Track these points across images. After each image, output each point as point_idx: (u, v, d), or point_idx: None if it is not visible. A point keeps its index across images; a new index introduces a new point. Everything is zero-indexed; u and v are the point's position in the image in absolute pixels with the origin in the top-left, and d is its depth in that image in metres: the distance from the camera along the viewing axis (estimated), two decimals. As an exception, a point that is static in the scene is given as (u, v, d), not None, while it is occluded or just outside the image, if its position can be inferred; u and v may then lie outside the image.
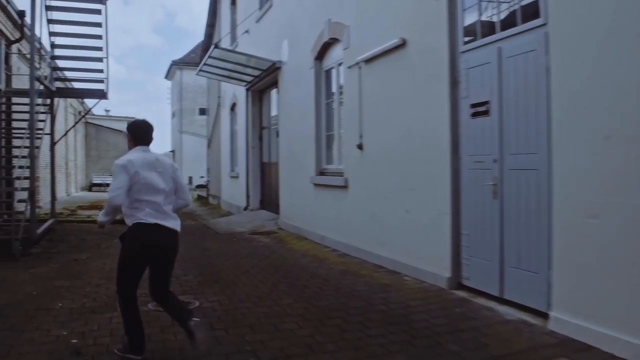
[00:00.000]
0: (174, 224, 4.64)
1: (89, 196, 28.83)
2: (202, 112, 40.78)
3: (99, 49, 12.93)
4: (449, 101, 6.77)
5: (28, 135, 11.05)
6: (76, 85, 15.98)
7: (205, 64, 14.83)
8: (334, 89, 10.83)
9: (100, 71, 13.57)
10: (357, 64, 9.15)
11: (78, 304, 6.28)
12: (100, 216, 4.88)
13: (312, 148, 11.29)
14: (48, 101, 13.81)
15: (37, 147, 11.94)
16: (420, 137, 7.35)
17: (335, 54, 10.56)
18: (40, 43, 12.67)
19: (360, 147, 9.01)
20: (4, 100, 13.76)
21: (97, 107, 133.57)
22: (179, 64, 43.71)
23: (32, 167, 10.98)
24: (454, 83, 6.77)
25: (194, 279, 7.71)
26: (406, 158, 7.68)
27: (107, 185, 34.12)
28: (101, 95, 14.38)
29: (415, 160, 7.45)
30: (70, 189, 29.51)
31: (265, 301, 6.39)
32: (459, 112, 6.71)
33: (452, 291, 6.65)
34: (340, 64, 10.30)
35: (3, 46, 13.82)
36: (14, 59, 15.16)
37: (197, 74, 16.56)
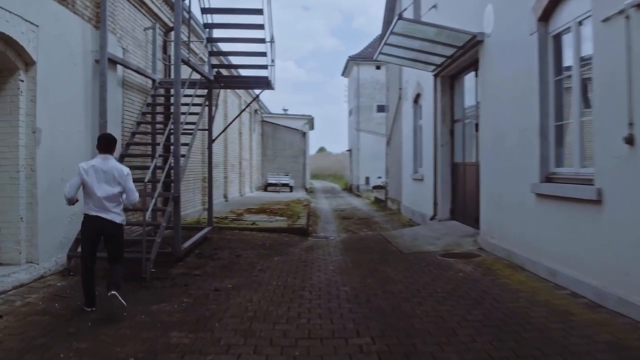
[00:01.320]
0: (113, 216, 6.19)
1: (262, 197, 27.62)
2: (380, 109, 38.52)
3: (261, 27, 10.78)
4: None
5: (182, 131, 9.15)
6: (231, 76, 14.12)
7: (386, 44, 12.19)
8: (570, 59, 7.57)
9: (263, 55, 11.44)
10: (621, 12, 5.90)
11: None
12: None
13: (535, 144, 8.11)
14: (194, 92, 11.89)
15: (186, 145, 10.06)
16: None
17: (573, 6, 7.31)
18: (189, 12, 10.79)
19: (629, 141, 5.74)
20: (161, 92, 12.20)
21: (276, 106, 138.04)
22: (355, 59, 41.90)
23: (177, 168, 9.04)
24: None
25: (370, 345, 5.00)
26: None
27: (283, 185, 33.15)
28: (265, 83, 12.32)
29: None
30: (244, 189, 28.57)
31: None
32: None
33: None
34: (582, 21, 7.07)
35: (158, 32, 12.26)
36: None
37: (375, 58, 14.01)
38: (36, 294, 6.74)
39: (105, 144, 6.37)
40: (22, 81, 7.41)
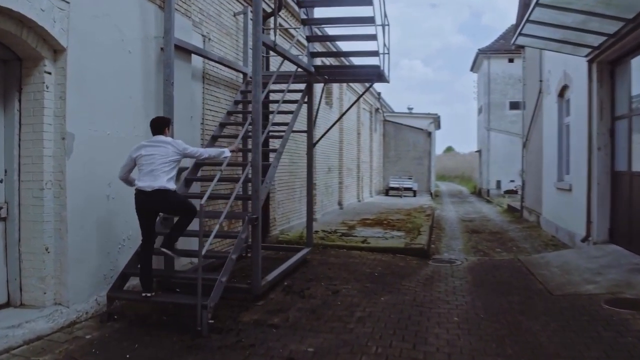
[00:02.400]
0: (160, 184, 5.94)
1: (381, 203, 25.41)
2: (514, 106, 35.12)
3: (368, 2, 8.64)
4: None
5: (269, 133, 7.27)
6: (334, 66, 11.89)
7: (528, 21, 9.64)
8: None
9: (373, 38, 9.26)
10: None
11: None
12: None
13: None
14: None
15: (273, 151, 8.14)
16: None
17: None
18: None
19: None
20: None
21: (401, 105, 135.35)
22: (486, 53, 38.50)
23: (256, 181, 7.10)
24: None
25: None
26: None
27: (405, 189, 30.78)
28: (377, 75, 10.13)
29: None
30: (362, 194, 26.48)
31: None
32: None
33: None
34: None
35: (251, 18, 10.45)
36: (273, 37, 11.84)
37: (513, 42, 11.51)
38: (49, 355, 5.04)
39: (154, 127, 6.29)
40: (49, 73, 5.77)
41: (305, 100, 9.83)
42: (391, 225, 15.74)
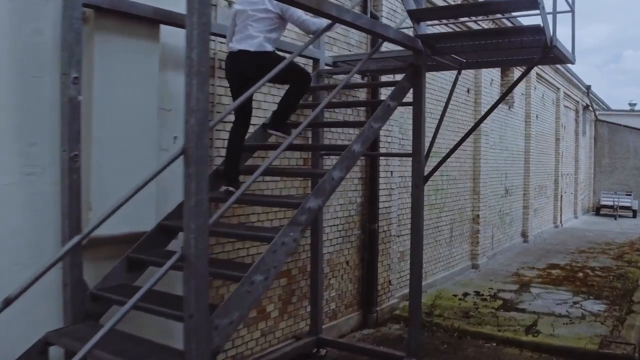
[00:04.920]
0: (253, 44, 4.51)
1: (587, 230, 19.54)
2: None
3: None
4: None
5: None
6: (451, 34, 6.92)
7: None
8: None
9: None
10: None
11: None
12: None
13: None
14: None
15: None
16: None
17: None
18: None
19: None
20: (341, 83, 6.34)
21: (621, 102, 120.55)
22: None
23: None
24: None
25: None
26: None
27: (622, 208, 24.13)
28: (541, 46, 5.44)
29: None
30: (561, 216, 20.68)
31: None
32: None
33: None
34: None
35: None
36: (385, 6, 7.64)
37: None
38: None
39: None
40: None
41: (407, 99, 5.55)
42: (588, 283, 10.56)
